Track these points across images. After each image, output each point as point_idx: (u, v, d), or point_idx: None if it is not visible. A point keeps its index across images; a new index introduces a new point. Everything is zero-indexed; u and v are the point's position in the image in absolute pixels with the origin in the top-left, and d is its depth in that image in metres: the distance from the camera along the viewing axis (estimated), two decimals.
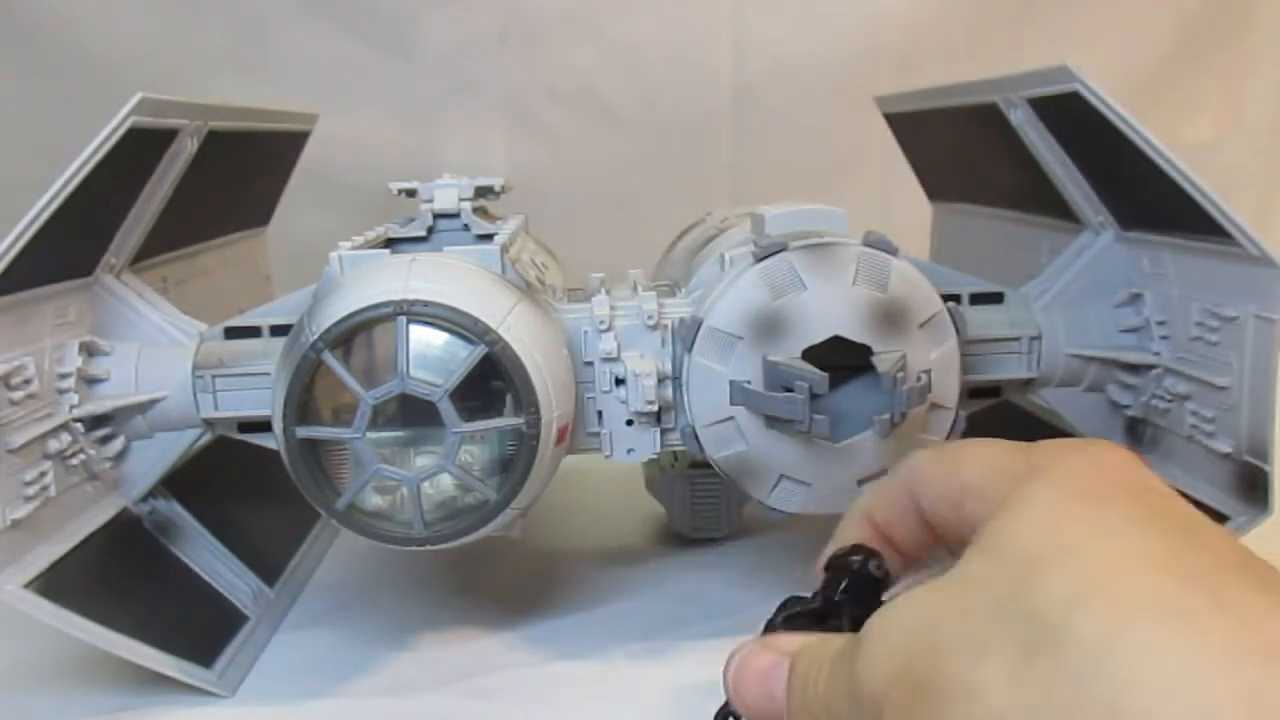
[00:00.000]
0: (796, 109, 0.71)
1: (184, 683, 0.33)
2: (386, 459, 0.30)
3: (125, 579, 0.35)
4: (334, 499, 0.31)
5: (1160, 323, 0.36)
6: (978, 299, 0.39)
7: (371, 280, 0.31)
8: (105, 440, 0.35)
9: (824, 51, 0.70)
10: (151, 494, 0.37)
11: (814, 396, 0.31)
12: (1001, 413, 0.39)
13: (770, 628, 0.25)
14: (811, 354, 0.32)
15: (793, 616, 0.25)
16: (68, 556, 0.33)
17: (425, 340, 0.30)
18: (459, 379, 0.30)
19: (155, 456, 0.37)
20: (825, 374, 0.31)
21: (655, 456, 0.36)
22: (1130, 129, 0.31)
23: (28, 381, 0.32)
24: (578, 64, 0.67)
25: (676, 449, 0.36)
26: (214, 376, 0.36)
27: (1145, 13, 0.73)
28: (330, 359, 0.30)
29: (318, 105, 0.51)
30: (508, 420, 0.31)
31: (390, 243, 0.40)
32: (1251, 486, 0.32)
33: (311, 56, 0.58)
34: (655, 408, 0.34)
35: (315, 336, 0.30)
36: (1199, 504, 0.34)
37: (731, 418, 0.33)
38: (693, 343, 0.34)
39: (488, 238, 0.37)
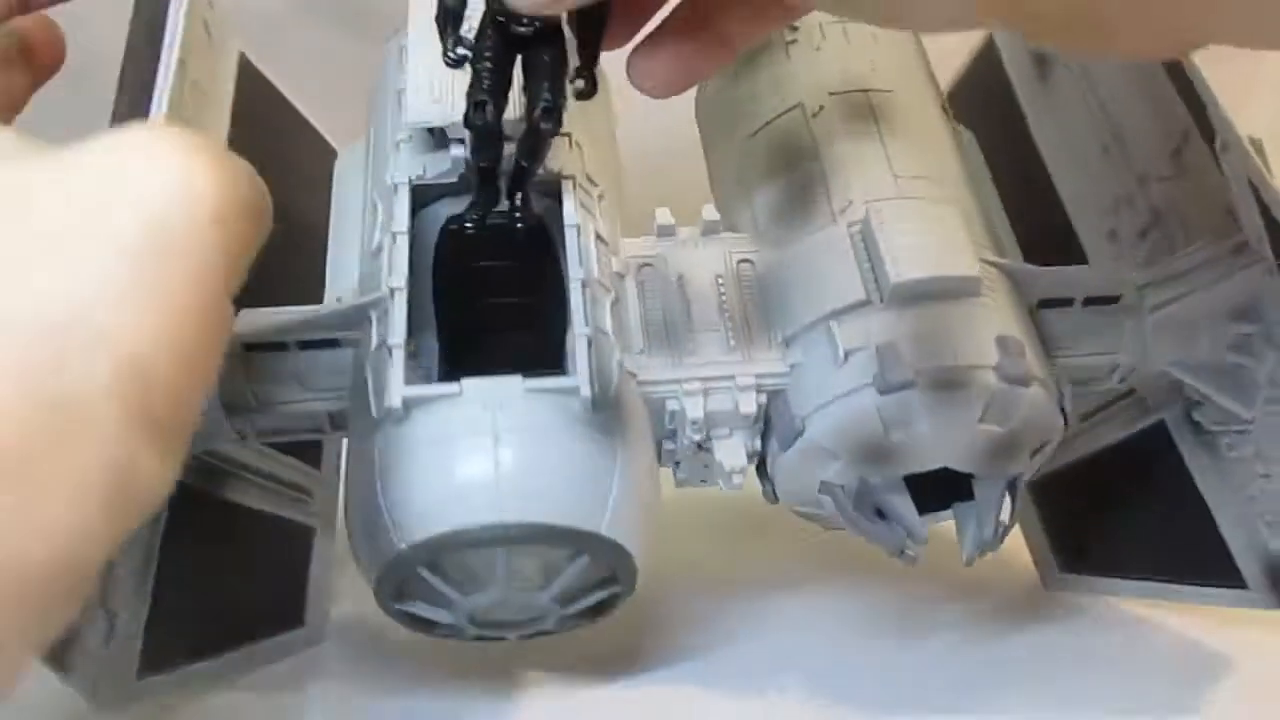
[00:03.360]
0: None
1: None
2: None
3: None
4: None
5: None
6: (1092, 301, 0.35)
7: (453, 471, 0.27)
8: None
9: None
10: None
11: None
12: None
13: None
14: None
15: None
16: None
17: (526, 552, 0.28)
18: (564, 587, 0.29)
19: None
20: (923, 520, 0.31)
21: None
22: None
23: None
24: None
25: None
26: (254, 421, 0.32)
27: None
28: (425, 574, 0.28)
29: (320, 106, 0.41)
30: (609, 591, 0.30)
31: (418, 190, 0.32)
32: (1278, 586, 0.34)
33: (312, 57, 0.40)
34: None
35: (404, 545, 0.28)
36: (1219, 556, 0.36)
37: (819, 502, 0.33)
38: (789, 445, 0.31)
39: None
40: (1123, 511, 0.39)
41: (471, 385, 0.28)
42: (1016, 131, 0.44)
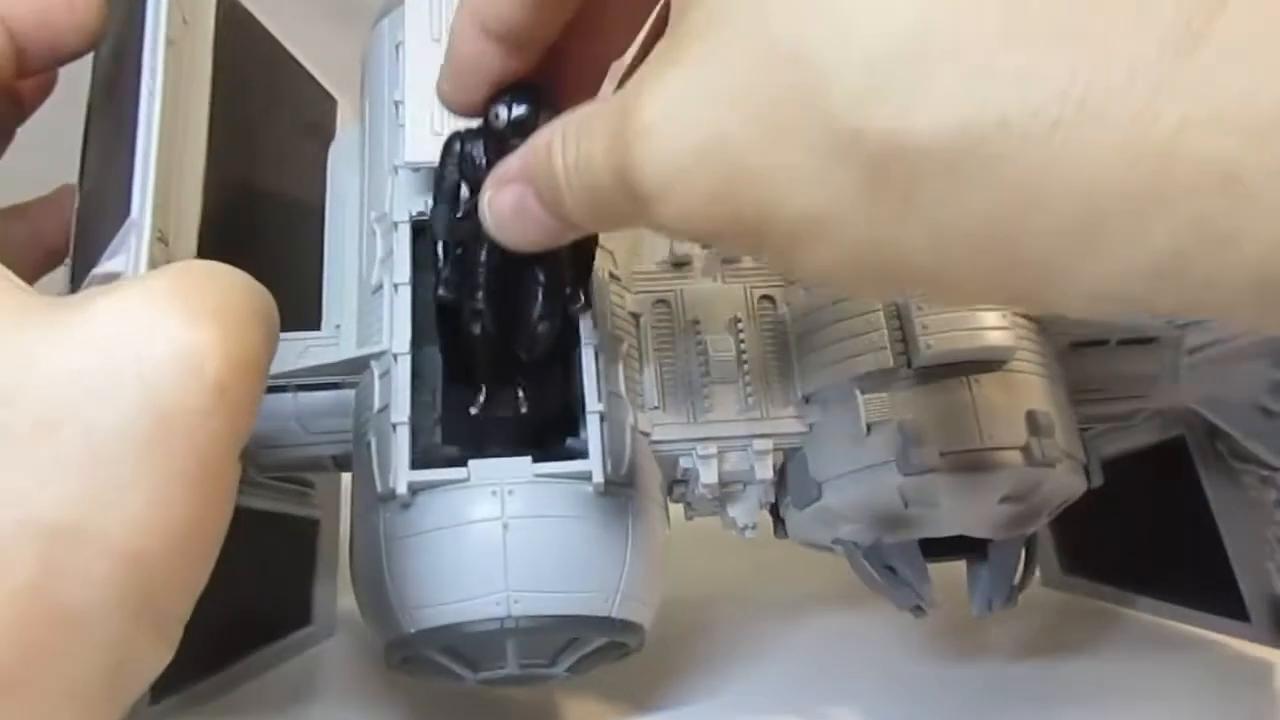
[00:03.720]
0: None
1: None
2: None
3: None
4: None
5: None
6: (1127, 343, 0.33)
7: (461, 563, 0.27)
8: None
9: None
10: None
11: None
12: None
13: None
14: None
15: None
16: None
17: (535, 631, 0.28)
18: (573, 660, 0.29)
19: None
20: (931, 582, 0.31)
21: None
22: None
23: None
24: None
25: None
26: (253, 459, 0.31)
27: None
28: (434, 654, 0.28)
29: None
30: (619, 652, 0.30)
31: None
32: None
33: (319, 58, 0.36)
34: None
35: (411, 630, 0.27)
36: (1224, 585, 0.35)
37: (831, 550, 0.32)
38: (805, 506, 0.30)
39: None
40: (1133, 523, 0.39)
41: (479, 468, 0.27)
42: None
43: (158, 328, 0.19)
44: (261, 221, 0.35)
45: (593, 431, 0.27)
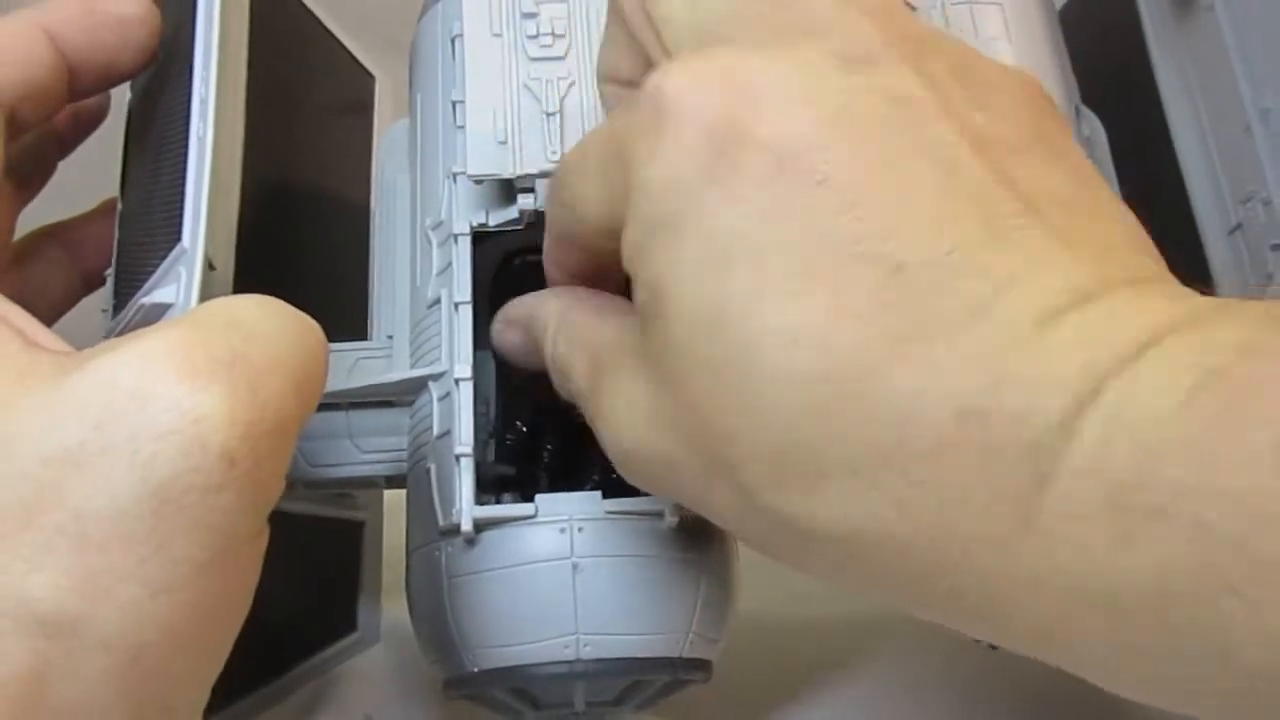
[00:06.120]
0: None
1: None
2: None
3: None
4: None
5: None
6: None
7: (530, 603, 0.25)
8: None
9: None
10: None
11: None
12: None
13: None
14: None
15: None
16: None
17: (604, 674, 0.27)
18: (641, 699, 0.28)
19: None
20: None
21: None
22: None
23: None
24: None
25: None
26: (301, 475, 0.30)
27: None
28: (498, 692, 0.27)
29: None
30: (680, 688, 0.29)
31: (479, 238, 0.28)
32: None
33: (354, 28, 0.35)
34: None
35: (475, 669, 0.26)
36: None
37: None
38: None
39: None
40: None
41: (547, 504, 0.26)
42: (1137, 76, 0.38)
43: (154, 395, 0.17)
44: (299, 211, 0.34)
45: None
